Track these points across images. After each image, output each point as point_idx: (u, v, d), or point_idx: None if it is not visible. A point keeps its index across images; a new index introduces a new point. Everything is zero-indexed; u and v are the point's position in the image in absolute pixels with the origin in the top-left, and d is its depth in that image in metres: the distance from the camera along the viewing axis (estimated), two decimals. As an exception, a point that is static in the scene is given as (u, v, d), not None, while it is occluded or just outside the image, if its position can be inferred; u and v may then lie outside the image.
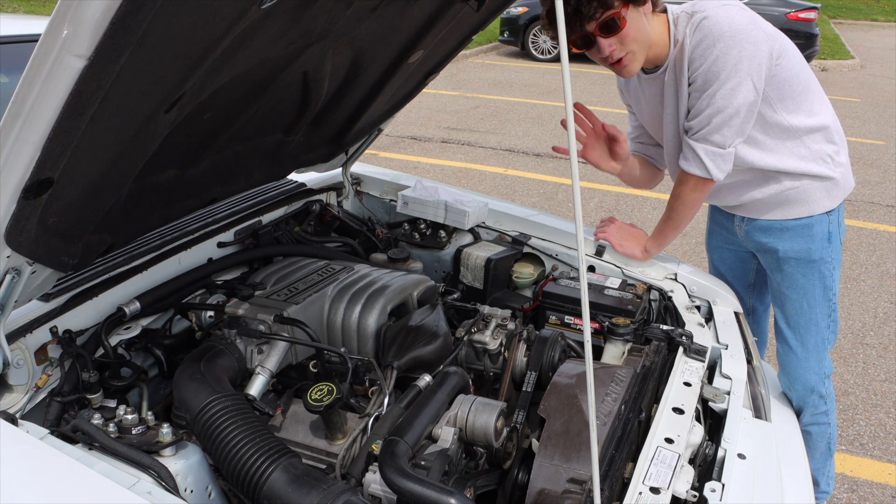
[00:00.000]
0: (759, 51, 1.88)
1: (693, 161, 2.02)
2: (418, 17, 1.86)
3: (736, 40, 1.86)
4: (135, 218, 1.75)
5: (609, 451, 1.45)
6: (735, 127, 1.94)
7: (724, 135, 1.95)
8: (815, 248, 2.13)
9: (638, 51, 1.97)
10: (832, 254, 2.14)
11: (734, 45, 1.86)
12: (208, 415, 1.42)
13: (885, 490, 2.94)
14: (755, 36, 1.88)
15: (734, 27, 1.86)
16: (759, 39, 1.88)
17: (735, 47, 1.86)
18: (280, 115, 1.98)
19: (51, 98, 1.07)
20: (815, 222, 2.11)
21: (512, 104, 9.70)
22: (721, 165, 2.00)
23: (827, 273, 2.15)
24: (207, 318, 1.87)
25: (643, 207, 6.03)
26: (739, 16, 1.89)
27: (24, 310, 1.58)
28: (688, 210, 2.13)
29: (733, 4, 1.92)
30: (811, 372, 2.20)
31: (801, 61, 2.03)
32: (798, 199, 2.10)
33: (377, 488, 1.40)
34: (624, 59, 1.97)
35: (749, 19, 1.90)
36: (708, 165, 2.00)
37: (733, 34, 1.86)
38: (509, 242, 2.51)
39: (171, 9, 1.03)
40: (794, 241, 2.14)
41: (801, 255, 2.14)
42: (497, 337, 1.90)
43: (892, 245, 5.41)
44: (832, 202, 2.11)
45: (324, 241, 2.43)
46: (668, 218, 2.20)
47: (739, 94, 1.89)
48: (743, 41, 1.86)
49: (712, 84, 1.90)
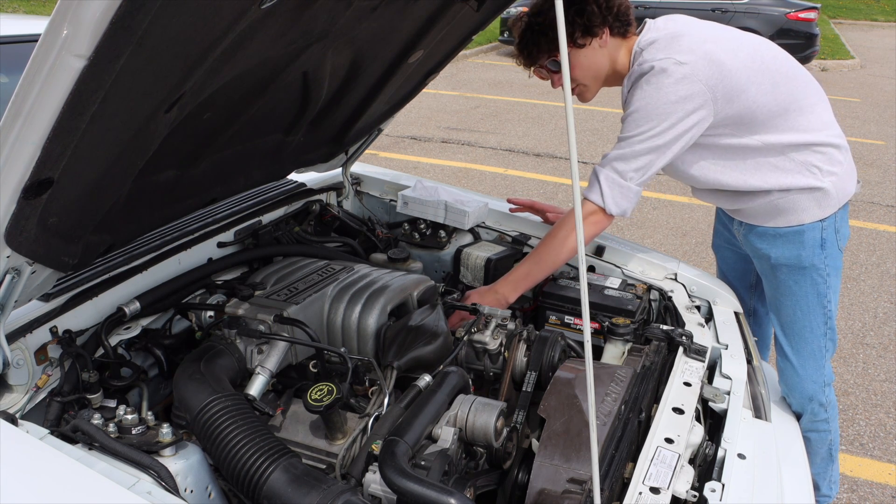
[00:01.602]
0: (679, 119, 1.90)
1: (594, 183, 2.03)
2: (418, 17, 1.86)
3: (659, 111, 1.90)
4: (135, 218, 1.75)
5: (609, 451, 1.45)
6: (638, 164, 1.96)
7: (628, 164, 1.96)
8: (805, 254, 2.09)
9: (590, 83, 2.11)
10: (826, 261, 2.10)
11: (656, 114, 1.90)
12: (208, 415, 1.42)
13: (885, 490, 2.94)
14: (684, 105, 1.89)
15: (663, 94, 1.88)
16: (689, 103, 1.89)
17: (655, 118, 1.90)
18: (280, 115, 1.98)
19: (51, 98, 1.07)
20: (806, 229, 2.08)
21: (512, 104, 9.70)
22: (618, 199, 2.00)
23: (820, 281, 2.11)
24: (207, 318, 1.87)
25: (643, 208, 6.03)
26: (677, 72, 1.88)
27: (24, 310, 1.58)
28: (560, 249, 2.06)
29: (682, 46, 1.92)
30: (808, 381, 2.18)
31: (775, 85, 1.98)
32: (788, 208, 2.08)
33: (377, 488, 1.40)
34: (574, 90, 2.12)
35: (687, 73, 1.88)
36: (605, 192, 2.00)
37: (658, 101, 1.89)
38: (509, 242, 2.51)
39: (171, 9, 1.03)
40: (785, 248, 2.12)
41: (791, 262, 2.12)
42: (497, 337, 1.90)
43: (892, 245, 5.42)
44: (822, 212, 2.07)
45: (324, 241, 2.43)
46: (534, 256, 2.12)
47: (649, 142, 1.93)
48: (666, 113, 1.89)
49: (629, 128, 1.96)
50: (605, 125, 8.56)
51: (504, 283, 2.13)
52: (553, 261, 2.10)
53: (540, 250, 2.12)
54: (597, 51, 2.03)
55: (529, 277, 2.13)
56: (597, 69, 2.05)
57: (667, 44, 1.94)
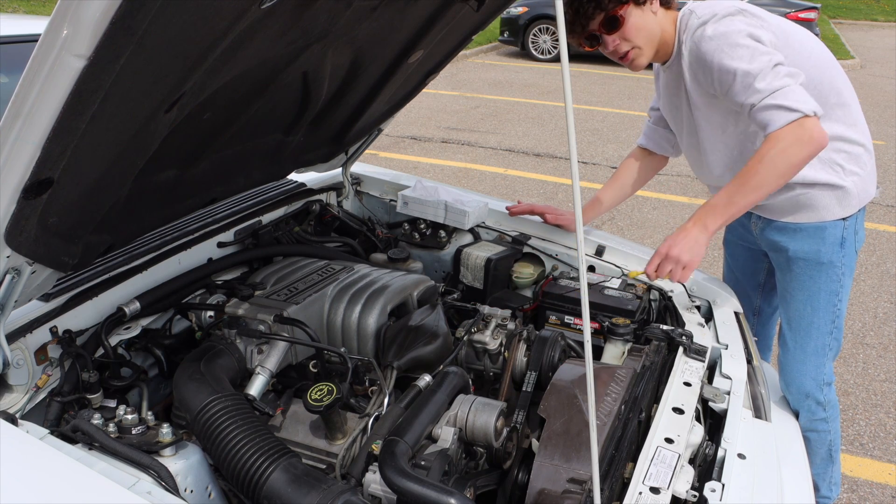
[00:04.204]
0: (755, 35, 1.87)
1: (775, 114, 1.82)
2: (418, 17, 1.86)
3: (729, 43, 1.86)
4: (135, 218, 1.76)
5: (609, 451, 1.45)
6: (777, 77, 1.82)
7: (770, 82, 1.82)
8: (825, 250, 2.11)
9: (644, 46, 2.02)
10: (843, 259, 2.12)
11: (727, 46, 1.86)
12: (208, 415, 1.42)
13: (885, 490, 2.94)
14: (757, 23, 1.89)
15: (734, 26, 1.86)
16: (760, 29, 1.88)
17: (728, 48, 1.86)
18: (280, 115, 1.98)
19: (51, 98, 1.07)
20: (828, 226, 2.09)
21: (512, 104, 9.70)
22: (801, 97, 1.81)
23: (835, 278, 2.13)
24: (207, 318, 1.87)
25: (643, 207, 6.03)
26: (739, 13, 1.88)
27: (24, 310, 1.58)
28: (782, 168, 1.85)
29: (731, 10, 1.91)
30: (807, 376, 2.18)
31: (821, 69, 1.97)
32: (809, 204, 2.08)
33: (377, 488, 1.40)
34: (630, 53, 2.03)
35: (749, 16, 1.89)
36: (790, 105, 1.80)
37: (725, 37, 1.86)
38: (509, 242, 2.51)
39: (171, 9, 1.03)
40: (805, 242, 2.13)
41: (810, 257, 2.13)
42: (497, 337, 1.90)
43: (892, 245, 5.42)
44: (843, 210, 2.09)
45: (324, 241, 2.43)
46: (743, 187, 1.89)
47: (758, 56, 1.84)
48: (736, 44, 1.86)
49: (727, 66, 1.86)
50: (605, 125, 8.56)
51: (703, 213, 1.96)
52: (758, 186, 1.88)
53: (744, 174, 1.91)
54: (650, 15, 1.99)
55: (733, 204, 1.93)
56: (651, 31, 2.00)
57: (712, 6, 1.93)
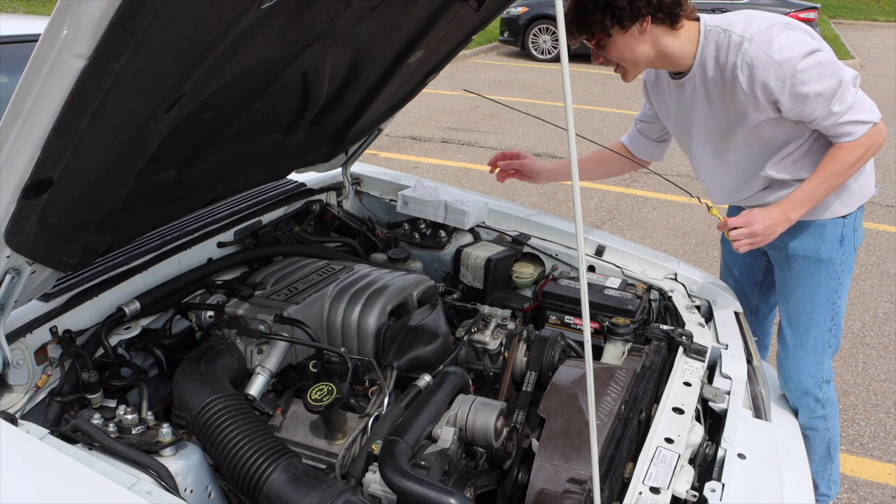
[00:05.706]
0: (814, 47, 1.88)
1: (852, 128, 1.93)
2: (418, 17, 1.86)
3: (791, 70, 1.85)
4: (135, 218, 1.76)
5: (609, 451, 1.45)
6: (847, 95, 1.90)
7: (845, 102, 1.90)
8: (824, 248, 2.12)
9: (628, 67, 2.06)
10: (843, 257, 2.13)
11: (790, 69, 1.85)
12: (208, 415, 1.42)
13: (885, 490, 2.94)
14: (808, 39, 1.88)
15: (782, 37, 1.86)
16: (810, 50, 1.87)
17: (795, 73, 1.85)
18: (280, 115, 1.98)
19: (51, 98, 1.07)
20: (828, 223, 2.10)
21: (512, 104, 9.69)
22: (868, 106, 1.94)
23: (834, 275, 2.14)
24: (207, 318, 1.87)
25: (643, 207, 6.03)
26: (786, 27, 1.88)
27: (24, 310, 1.58)
28: (858, 168, 2.01)
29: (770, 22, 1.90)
30: (806, 373, 2.19)
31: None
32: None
33: (377, 488, 1.40)
34: (617, 69, 2.09)
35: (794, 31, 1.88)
36: (863, 119, 1.92)
37: (789, 62, 1.85)
38: (509, 242, 2.51)
39: (171, 9, 1.03)
40: (804, 240, 2.13)
41: (809, 254, 2.13)
42: (497, 337, 1.90)
43: (892, 245, 5.42)
44: (843, 208, 2.10)
45: (324, 241, 2.43)
46: (825, 185, 2.00)
47: (826, 77, 1.87)
48: (802, 69, 1.85)
49: (799, 91, 1.88)
50: (605, 125, 8.56)
51: (787, 204, 2.03)
52: (838, 182, 2.01)
53: (825, 169, 2.00)
54: (635, 37, 1.99)
55: (812, 200, 2.03)
56: (636, 55, 2.01)
57: (747, 20, 1.92)
